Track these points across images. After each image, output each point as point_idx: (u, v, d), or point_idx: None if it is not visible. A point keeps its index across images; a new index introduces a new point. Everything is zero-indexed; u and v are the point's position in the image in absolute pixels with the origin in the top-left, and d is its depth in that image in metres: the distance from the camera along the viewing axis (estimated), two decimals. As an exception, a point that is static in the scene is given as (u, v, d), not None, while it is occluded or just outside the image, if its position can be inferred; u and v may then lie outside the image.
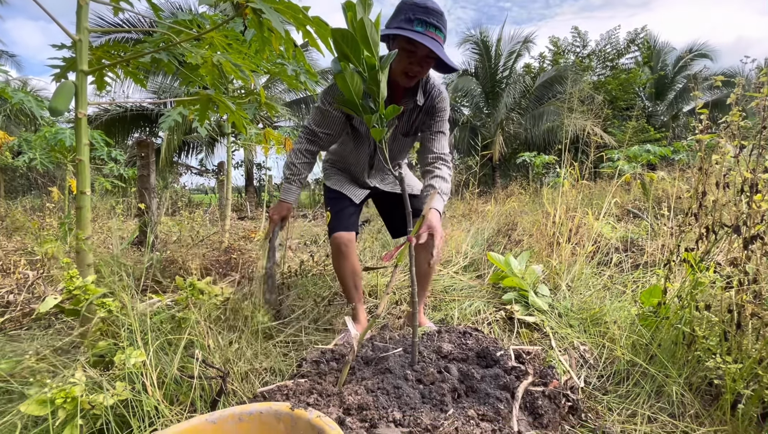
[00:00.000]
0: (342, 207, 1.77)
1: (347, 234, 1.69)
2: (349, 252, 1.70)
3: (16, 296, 2.07)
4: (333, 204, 1.80)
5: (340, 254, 1.69)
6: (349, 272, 1.71)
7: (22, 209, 5.71)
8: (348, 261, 1.71)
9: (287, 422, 0.82)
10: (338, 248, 1.69)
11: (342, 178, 1.87)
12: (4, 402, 1.09)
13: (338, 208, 1.77)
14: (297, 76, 2.32)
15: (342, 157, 1.86)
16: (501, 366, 1.16)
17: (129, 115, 9.41)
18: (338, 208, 1.77)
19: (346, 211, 1.76)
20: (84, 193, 1.49)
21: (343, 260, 1.70)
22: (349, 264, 1.71)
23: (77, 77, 1.50)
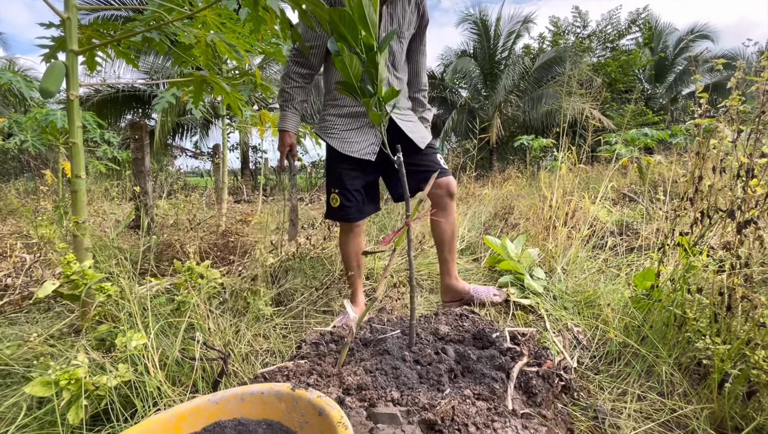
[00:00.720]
0: (355, 184, 1.62)
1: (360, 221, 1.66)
2: (359, 232, 1.69)
3: (14, 279, 2.07)
4: (344, 178, 1.62)
5: (351, 234, 1.68)
6: (353, 253, 1.71)
7: (15, 192, 5.65)
8: (356, 241, 1.71)
9: (288, 402, 0.84)
10: (350, 229, 1.67)
11: (348, 130, 1.64)
12: (7, 385, 1.11)
13: (351, 186, 1.62)
14: (293, 57, 2.27)
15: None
16: (497, 347, 1.19)
17: (121, 97, 9.23)
18: (351, 186, 1.62)
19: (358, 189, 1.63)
20: (79, 177, 1.47)
21: (353, 238, 1.69)
22: (357, 244, 1.71)
23: (67, 57, 1.47)
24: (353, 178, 1.63)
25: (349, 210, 1.64)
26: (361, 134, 1.62)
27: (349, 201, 1.63)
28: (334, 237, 2.63)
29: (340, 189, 1.63)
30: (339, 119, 1.64)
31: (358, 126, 1.63)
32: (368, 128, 1.62)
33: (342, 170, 1.63)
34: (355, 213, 1.66)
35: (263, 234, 2.93)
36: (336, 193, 1.63)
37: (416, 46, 1.75)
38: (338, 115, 1.64)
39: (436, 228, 1.72)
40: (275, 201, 6.61)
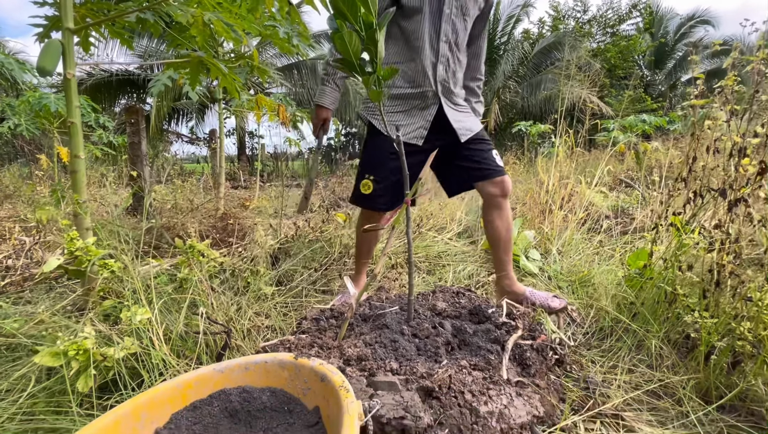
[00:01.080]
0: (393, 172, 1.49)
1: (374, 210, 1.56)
2: (380, 222, 1.61)
3: (15, 261, 2.08)
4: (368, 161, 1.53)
5: (373, 220, 1.60)
6: (369, 239, 1.67)
7: (10, 177, 5.61)
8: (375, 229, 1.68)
9: (291, 370, 0.87)
10: (373, 217, 1.59)
11: (395, 112, 1.53)
12: (15, 359, 1.13)
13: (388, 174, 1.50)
14: (289, 39, 2.25)
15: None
16: (492, 322, 1.22)
17: (115, 81, 9.08)
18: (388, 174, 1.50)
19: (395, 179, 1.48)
20: (78, 157, 1.48)
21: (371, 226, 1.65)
22: (374, 234, 1.67)
23: (63, 36, 1.46)
24: (393, 166, 1.50)
25: (380, 199, 1.53)
26: (409, 117, 1.52)
27: (382, 190, 1.51)
28: (332, 220, 2.65)
29: (375, 175, 1.51)
30: (387, 100, 1.53)
31: (407, 108, 1.52)
32: (417, 111, 1.51)
33: (382, 155, 1.51)
34: (385, 204, 1.54)
35: (262, 218, 2.95)
36: (370, 180, 1.51)
37: (479, 29, 1.65)
38: (386, 95, 1.54)
39: (490, 228, 1.62)
40: (273, 187, 6.60)
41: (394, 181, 1.50)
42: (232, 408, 0.85)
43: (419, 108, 1.52)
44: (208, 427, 0.83)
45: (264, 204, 4.14)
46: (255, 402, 0.85)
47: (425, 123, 1.51)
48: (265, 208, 3.98)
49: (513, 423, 0.87)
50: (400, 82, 1.53)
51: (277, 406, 0.85)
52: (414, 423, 0.80)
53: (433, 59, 1.48)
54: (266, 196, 4.97)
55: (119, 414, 0.77)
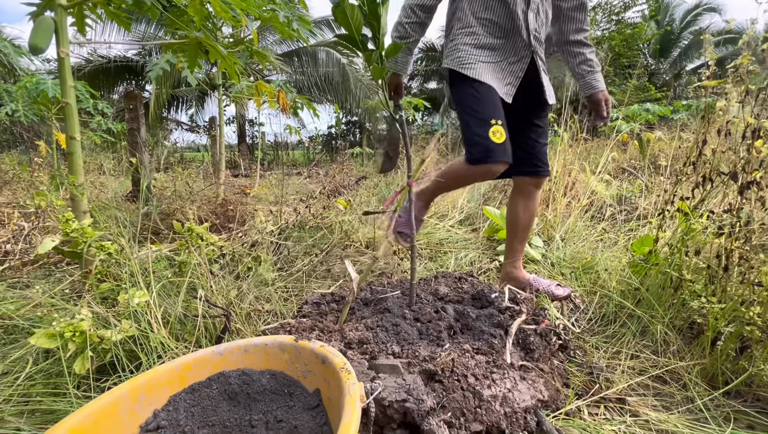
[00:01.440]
0: (499, 113, 1.30)
1: (501, 166, 1.31)
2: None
3: (14, 246, 2.07)
4: (484, 106, 1.30)
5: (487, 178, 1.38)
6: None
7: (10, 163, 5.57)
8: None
9: (291, 352, 0.85)
10: (483, 176, 1.36)
11: (485, 63, 1.34)
12: (12, 341, 1.12)
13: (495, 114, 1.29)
14: (289, 24, 2.19)
15: (479, 17, 1.35)
16: (495, 306, 1.21)
17: (113, 67, 8.97)
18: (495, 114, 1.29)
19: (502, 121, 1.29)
20: (74, 138, 1.45)
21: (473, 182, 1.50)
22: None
23: (56, 13, 1.42)
24: (502, 110, 1.32)
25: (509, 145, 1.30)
26: (498, 71, 1.35)
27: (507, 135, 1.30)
28: (333, 206, 2.62)
29: (501, 119, 1.29)
30: (476, 50, 1.35)
31: (496, 60, 1.35)
32: (507, 65, 1.35)
33: (494, 97, 1.32)
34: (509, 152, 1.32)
35: (262, 205, 2.92)
36: (499, 125, 1.28)
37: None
38: (475, 45, 1.35)
39: (511, 212, 1.56)
40: (273, 175, 6.56)
41: (492, 120, 1.29)
42: (231, 391, 0.84)
43: (510, 61, 1.35)
44: (206, 409, 0.82)
45: (264, 191, 4.11)
46: (254, 385, 0.84)
47: (515, 79, 1.35)
48: (266, 195, 3.95)
49: (517, 406, 0.86)
50: (486, 33, 1.34)
51: (277, 389, 0.83)
52: (416, 406, 0.78)
53: (524, 6, 1.32)
54: (267, 183, 4.94)
55: (117, 396, 0.75)
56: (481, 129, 1.28)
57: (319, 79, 9.86)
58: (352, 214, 2.60)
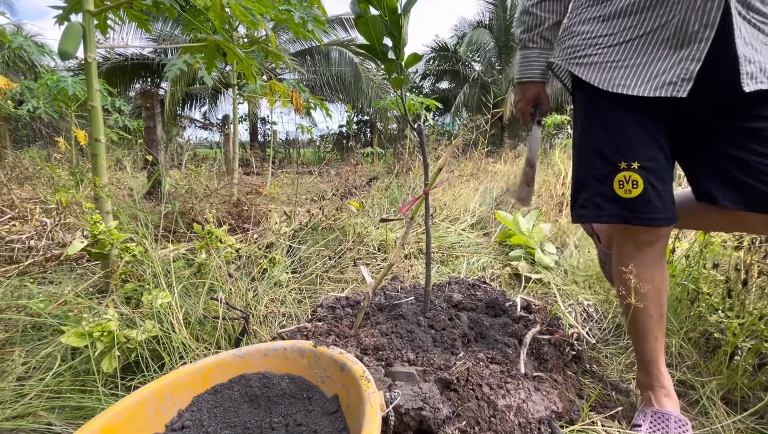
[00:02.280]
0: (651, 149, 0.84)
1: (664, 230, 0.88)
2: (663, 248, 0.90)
3: (37, 242, 2.13)
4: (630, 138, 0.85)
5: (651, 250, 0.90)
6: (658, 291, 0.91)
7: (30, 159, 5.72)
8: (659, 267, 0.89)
9: (310, 358, 0.87)
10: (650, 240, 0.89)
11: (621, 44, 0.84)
12: (40, 338, 1.16)
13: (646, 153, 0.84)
14: (304, 24, 2.22)
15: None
16: (509, 315, 1.21)
17: (130, 65, 9.13)
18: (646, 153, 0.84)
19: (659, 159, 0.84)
20: (98, 140, 1.49)
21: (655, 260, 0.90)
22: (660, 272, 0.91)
23: (84, 18, 1.46)
24: (647, 139, 0.85)
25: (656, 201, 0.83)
26: (649, 52, 0.81)
27: (657, 182, 0.83)
28: (346, 208, 2.64)
29: (639, 160, 0.83)
30: (602, 25, 0.86)
31: (641, 33, 0.82)
32: (663, 42, 0.80)
33: (629, 123, 0.85)
34: (665, 208, 0.85)
35: (275, 205, 2.96)
36: (634, 170, 0.83)
37: None
38: (602, 18, 0.87)
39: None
40: (285, 173, 6.63)
41: (654, 163, 0.84)
42: (252, 393, 0.86)
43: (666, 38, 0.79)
44: (228, 411, 0.84)
45: (277, 190, 4.16)
46: (274, 388, 0.86)
47: (688, 66, 0.77)
48: (278, 194, 4.00)
49: (531, 417, 0.87)
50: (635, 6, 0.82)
51: (296, 393, 0.85)
52: (432, 414, 0.80)
53: None
54: (278, 182, 5.00)
55: (144, 395, 0.78)
56: (591, 180, 0.88)
57: (332, 78, 9.91)
58: (364, 216, 2.62)
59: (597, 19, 0.88)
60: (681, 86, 0.78)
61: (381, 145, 10.25)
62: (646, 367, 0.97)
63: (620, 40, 0.85)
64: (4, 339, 1.15)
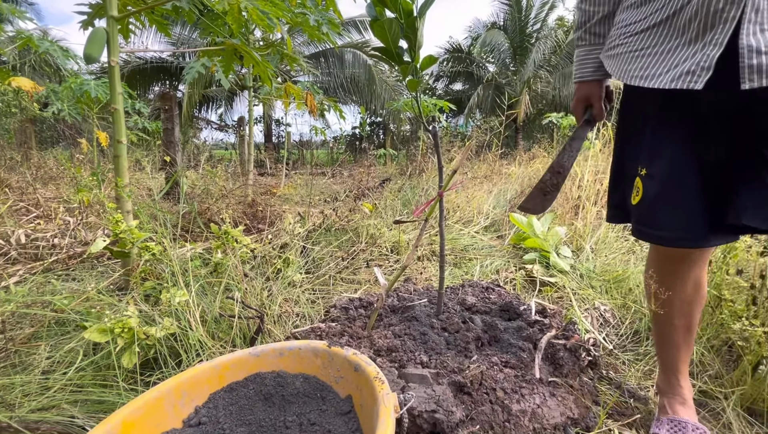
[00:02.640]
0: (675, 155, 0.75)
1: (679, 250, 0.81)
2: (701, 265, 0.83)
3: (60, 240, 2.20)
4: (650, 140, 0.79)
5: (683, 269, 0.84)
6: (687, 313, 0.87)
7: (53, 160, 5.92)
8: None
9: (324, 358, 0.88)
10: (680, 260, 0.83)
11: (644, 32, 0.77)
12: (63, 333, 1.20)
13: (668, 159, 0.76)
14: (319, 27, 2.24)
15: None
16: (524, 319, 1.20)
17: (149, 68, 9.36)
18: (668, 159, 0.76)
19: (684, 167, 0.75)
20: (120, 142, 1.53)
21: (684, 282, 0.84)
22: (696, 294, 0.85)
23: (108, 23, 1.50)
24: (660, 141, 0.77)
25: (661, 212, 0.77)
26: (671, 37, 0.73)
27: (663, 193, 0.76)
28: (359, 210, 2.66)
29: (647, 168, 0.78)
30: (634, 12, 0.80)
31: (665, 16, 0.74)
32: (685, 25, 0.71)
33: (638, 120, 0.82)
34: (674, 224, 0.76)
35: (289, 206, 2.99)
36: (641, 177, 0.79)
37: None
38: (636, 3, 0.81)
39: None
40: (298, 174, 6.70)
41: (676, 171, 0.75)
42: (266, 392, 0.87)
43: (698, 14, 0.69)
44: (243, 408, 0.86)
45: (290, 191, 4.21)
46: (289, 387, 0.87)
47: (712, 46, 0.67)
48: (292, 195, 4.04)
49: (546, 423, 0.86)
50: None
51: (310, 392, 0.86)
52: (446, 417, 0.80)
53: None
54: (292, 183, 5.06)
55: (162, 391, 0.80)
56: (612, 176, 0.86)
57: (345, 81, 9.97)
58: (377, 217, 2.63)
59: (632, 6, 0.81)
60: (699, 76, 0.68)
61: (394, 147, 10.25)
62: (665, 374, 0.96)
63: (645, 26, 0.77)
64: (30, 333, 1.19)
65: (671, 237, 0.76)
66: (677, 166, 0.75)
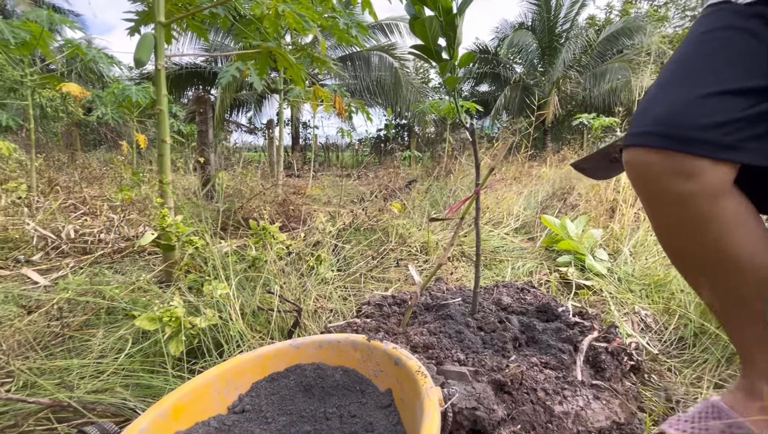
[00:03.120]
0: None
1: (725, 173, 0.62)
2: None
3: (106, 235, 2.32)
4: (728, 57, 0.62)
5: (729, 201, 0.64)
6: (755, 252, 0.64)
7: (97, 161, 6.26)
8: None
9: (363, 351, 0.89)
10: (720, 192, 0.62)
11: None
12: (111, 322, 1.27)
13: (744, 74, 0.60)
14: (348, 30, 2.28)
15: None
16: (563, 321, 1.17)
17: (184, 74, 9.75)
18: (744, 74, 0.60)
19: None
20: (164, 141, 1.60)
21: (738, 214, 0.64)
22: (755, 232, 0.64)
23: (156, 29, 1.57)
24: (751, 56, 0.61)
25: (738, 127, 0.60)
26: None
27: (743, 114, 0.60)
28: (388, 210, 2.67)
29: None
30: None
31: None
32: None
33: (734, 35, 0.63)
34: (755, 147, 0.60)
35: (318, 206, 3.04)
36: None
37: None
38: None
39: None
40: (325, 176, 6.80)
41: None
42: (306, 383, 0.89)
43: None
44: (284, 398, 0.87)
45: (318, 192, 4.28)
46: (328, 379, 0.88)
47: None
48: (319, 196, 4.10)
49: (591, 426, 0.83)
50: None
51: (350, 385, 0.87)
52: (487, 415, 0.79)
53: None
54: (319, 184, 5.14)
55: (209, 378, 0.83)
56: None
57: (371, 83, 10.04)
58: (405, 217, 2.63)
59: None
60: None
61: (419, 149, 10.24)
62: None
63: None
64: (83, 321, 1.26)
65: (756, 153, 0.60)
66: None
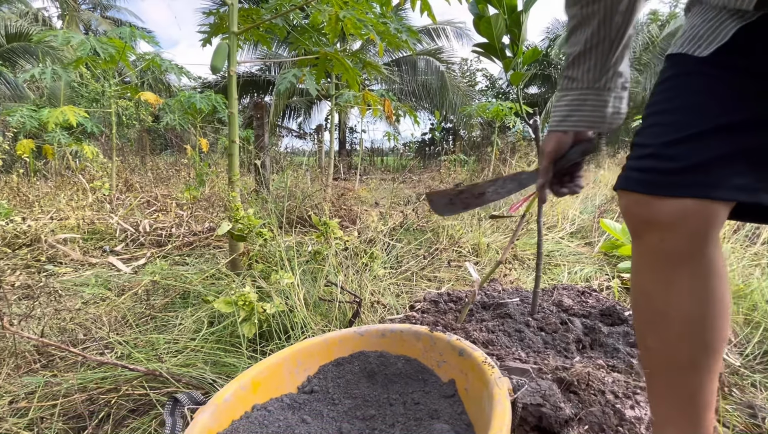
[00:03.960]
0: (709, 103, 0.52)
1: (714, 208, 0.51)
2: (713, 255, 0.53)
3: (176, 229, 2.54)
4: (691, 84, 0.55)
5: (691, 260, 0.53)
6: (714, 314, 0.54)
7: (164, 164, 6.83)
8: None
9: (426, 342, 0.91)
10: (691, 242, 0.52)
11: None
12: (186, 305, 1.39)
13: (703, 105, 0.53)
14: (399, 35, 2.32)
15: None
16: (629, 325, 1.12)
17: (241, 82, 10.38)
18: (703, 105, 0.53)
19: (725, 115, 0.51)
20: (234, 142, 1.73)
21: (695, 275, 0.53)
22: (719, 292, 0.53)
23: (229, 38, 1.71)
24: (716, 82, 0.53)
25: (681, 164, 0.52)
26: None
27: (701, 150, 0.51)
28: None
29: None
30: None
31: None
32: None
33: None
34: (708, 177, 0.50)
35: (365, 207, 3.11)
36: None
37: None
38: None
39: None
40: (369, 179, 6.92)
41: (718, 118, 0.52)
42: (370, 369, 0.92)
43: None
44: (350, 383, 0.92)
45: (365, 194, 4.37)
46: (391, 367, 0.91)
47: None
48: (366, 198, 4.19)
49: None
50: None
51: (412, 374, 0.90)
52: (554, 412, 0.78)
53: None
54: (365, 187, 5.25)
55: (282, 357, 0.89)
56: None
57: (418, 87, 10.09)
58: (455, 218, 2.62)
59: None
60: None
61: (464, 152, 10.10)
62: None
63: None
64: (164, 303, 1.39)
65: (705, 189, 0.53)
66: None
